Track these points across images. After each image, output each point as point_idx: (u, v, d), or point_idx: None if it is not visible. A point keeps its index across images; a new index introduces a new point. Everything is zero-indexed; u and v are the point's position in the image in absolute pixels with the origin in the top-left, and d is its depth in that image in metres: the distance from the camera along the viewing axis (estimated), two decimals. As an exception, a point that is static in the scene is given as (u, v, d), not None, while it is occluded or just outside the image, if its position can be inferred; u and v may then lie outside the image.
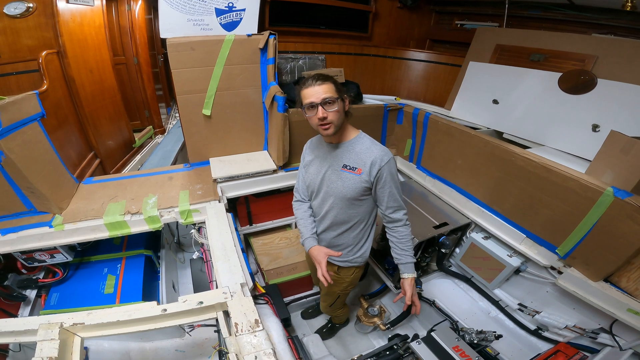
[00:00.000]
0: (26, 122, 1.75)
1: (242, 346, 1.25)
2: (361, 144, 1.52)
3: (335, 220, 1.66)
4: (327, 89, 1.38)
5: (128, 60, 3.53)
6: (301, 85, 1.43)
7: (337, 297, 2.10)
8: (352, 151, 1.52)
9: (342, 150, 1.55)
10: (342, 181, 1.55)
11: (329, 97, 1.37)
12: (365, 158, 1.48)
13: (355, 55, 3.54)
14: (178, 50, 2.10)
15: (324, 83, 1.38)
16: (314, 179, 1.66)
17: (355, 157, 1.51)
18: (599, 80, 2.23)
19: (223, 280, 1.57)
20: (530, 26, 3.13)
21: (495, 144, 2.07)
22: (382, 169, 1.46)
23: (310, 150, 1.73)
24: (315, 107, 1.39)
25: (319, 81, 1.38)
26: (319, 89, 1.37)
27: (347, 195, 1.55)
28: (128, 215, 1.98)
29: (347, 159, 1.53)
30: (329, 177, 1.59)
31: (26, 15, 2.09)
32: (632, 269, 1.61)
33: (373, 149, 1.49)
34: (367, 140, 1.53)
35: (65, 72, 2.37)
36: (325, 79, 1.40)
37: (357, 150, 1.51)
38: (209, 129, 2.40)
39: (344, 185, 1.54)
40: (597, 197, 1.59)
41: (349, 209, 1.61)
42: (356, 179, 1.51)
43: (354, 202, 1.58)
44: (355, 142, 1.54)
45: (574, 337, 1.95)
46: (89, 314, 1.36)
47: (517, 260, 2.13)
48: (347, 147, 1.54)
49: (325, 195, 1.64)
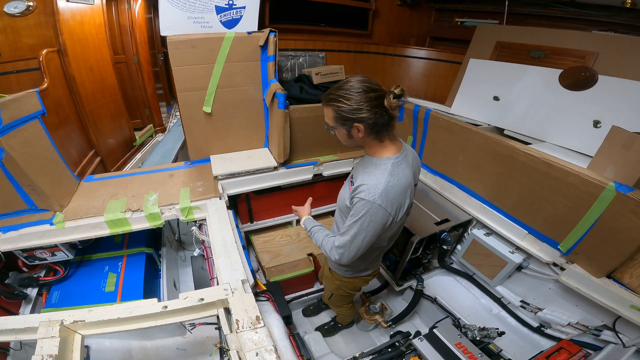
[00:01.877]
0: (27, 119, 1.74)
1: (243, 343, 1.25)
2: (374, 167, 1.32)
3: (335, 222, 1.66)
4: (326, 113, 1.32)
5: (128, 59, 3.52)
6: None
7: (331, 294, 2.09)
8: (364, 167, 1.37)
9: (362, 162, 1.43)
10: (344, 189, 1.52)
11: (326, 123, 1.34)
12: (360, 179, 1.32)
13: (356, 53, 3.54)
14: (178, 48, 2.09)
15: (326, 106, 1.30)
16: None
17: (359, 174, 1.37)
18: (599, 76, 2.23)
19: (224, 277, 1.56)
20: (530, 23, 3.12)
21: (496, 139, 2.07)
22: (354, 198, 1.31)
23: None
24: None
25: (323, 101, 1.30)
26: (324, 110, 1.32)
27: (339, 203, 1.54)
28: (129, 213, 1.97)
29: (356, 171, 1.43)
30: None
31: (26, 14, 2.09)
32: (635, 264, 1.60)
33: (371, 178, 1.28)
34: (380, 168, 1.30)
35: (65, 71, 2.37)
36: (327, 102, 1.27)
37: (367, 170, 1.35)
38: (210, 126, 2.40)
39: (341, 193, 1.53)
40: (599, 192, 1.58)
41: (341, 218, 1.54)
42: (346, 192, 1.44)
43: (344, 213, 1.47)
44: (373, 162, 1.35)
45: (576, 335, 1.94)
46: (90, 312, 1.35)
47: (519, 256, 2.12)
48: (366, 161, 1.40)
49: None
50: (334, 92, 1.24)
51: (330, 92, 1.26)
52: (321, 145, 2.54)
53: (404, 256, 2.31)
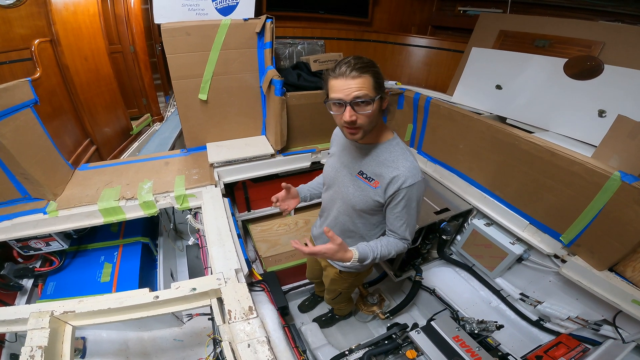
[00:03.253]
0: (18, 108, 1.72)
1: (235, 334, 1.22)
2: (389, 152, 1.25)
3: (342, 227, 1.50)
4: (362, 84, 1.06)
5: (124, 49, 3.49)
6: (332, 70, 1.12)
7: (338, 294, 2.03)
8: (375, 158, 1.27)
9: (365, 154, 1.30)
10: (353, 188, 1.35)
11: (362, 95, 1.07)
12: (387, 171, 1.22)
13: (355, 41, 3.50)
14: (173, 36, 2.06)
15: (361, 76, 1.06)
16: (329, 172, 1.48)
17: (376, 167, 1.26)
18: (605, 66, 2.18)
19: (217, 266, 1.54)
20: (534, 12, 3.07)
21: (498, 127, 2.03)
22: (400, 190, 1.21)
23: (335, 140, 1.51)
24: (343, 105, 1.10)
25: (354, 72, 1.05)
26: (352, 82, 1.06)
27: (356, 205, 1.36)
28: (123, 201, 1.95)
29: (367, 165, 1.29)
30: (342, 178, 1.39)
31: (18, 4, 2.07)
32: (638, 257, 1.56)
33: (400, 163, 1.21)
34: (397, 150, 1.25)
35: (59, 60, 2.35)
36: (363, 69, 1.06)
37: (381, 159, 1.26)
38: (206, 113, 2.38)
39: (354, 195, 1.34)
40: (603, 181, 1.54)
41: (357, 219, 1.43)
42: (370, 192, 1.29)
43: (363, 214, 1.38)
44: (384, 148, 1.27)
45: (576, 329, 1.92)
46: (80, 302, 1.33)
47: (520, 248, 2.09)
48: (371, 151, 1.28)
49: (335, 194, 1.47)
50: (359, 60, 1.08)
51: (359, 59, 1.09)
52: (319, 132, 2.51)
53: (402, 247, 2.28)
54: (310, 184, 1.72)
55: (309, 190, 1.68)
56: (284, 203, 1.57)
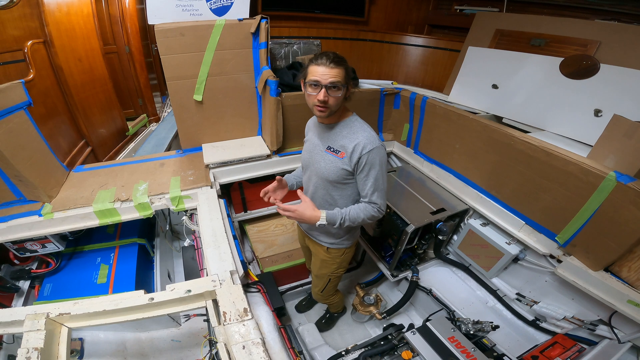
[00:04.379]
0: (12, 110, 1.71)
1: (230, 335, 1.22)
2: (349, 127, 1.50)
3: (320, 201, 1.67)
4: (337, 74, 1.34)
5: (119, 49, 3.48)
6: (314, 59, 1.37)
7: (327, 281, 2.08)
8: (339, 133, 1.51)
9: (331, 132, 1.54)
10: (324, 162, 1.55)
11: (337, 82, 1.34)
12: (349, 142, 1.46)
13: (352, 40, 3.49)
14: (167, 36, 2.05)
15: (337, 67, 1.34)
16: (305, 155, 1.70)
17: (340, 140, 1.50)
18: (601, 65, 2.18)
19: (212, 267, 1.54)
20: (531, 11, 3.07)
21: (494, 127, 2.02)
22: (362, 157, 1.44)
23: (309, 127, 1.74)
24: (318, 87, 1.35)
25: (332, 63, 1.33)
26: (329, 71, 1.33)
27: (328, 177, 1.56)
28: (118, 203, 1.94)
29: (333, 140, 1.52)
30: (315, 156, 1.60)
31: (10, 6, 2.06)
32: (633, 258, 1.56)
33: (359, 134, 1.46)
34: (356, 124, 1.51)
35: (52, 61, 2.34)
36: (339, 63, 1.35)
37: (344, 133, 1.50)
38: (201, 114, 2.37)
39: (326, 167, 1.55)
40: (598, 181, 1.54)
41: (333, 191, 1.62)
42: (338, 162, 1.51)
43: (336, 184, 1.58)
44: (344, 124, 1.52)
45: (572, 329, 1.93)
46: (75, 304, 1.33)
47: (516, 248, 2.09)
48: (336, 129, 1.53)
49: (311, 173, 1.67)
50: (336, 55, 1.36)
51: (337, 55, 1.36)
52: None
53: (399, 246, 2.28)
54: (294, 173, 1.92)
55: (295, 178, 1.87)
56: (274, 194, 1.72)
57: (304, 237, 2.06)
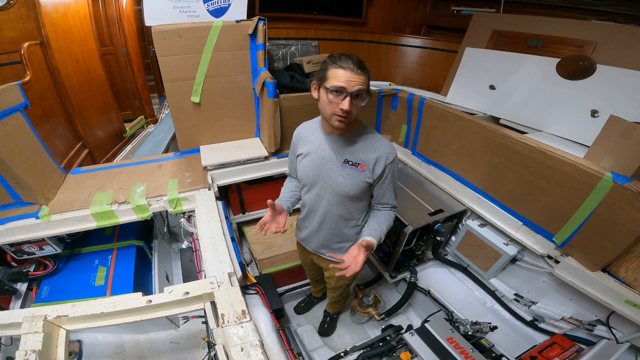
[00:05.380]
0: (8, 112, 1.71)
1: (229, 337, 1.23)
2: (365, 137, 1.41)
3: (335, 218, 1.57)
4: (363, 81, 1.21)
5: (117, 51, 3.47)
6: (335, 61, 1.22)
7: (346, 286, 2.07)
8: (354, 144, 1.40)
9: (344, 143, 1.41)
10: (343, 177, 1.42)
11: (363, 90, 1.22)
12: (370, 154, 1.38)
13: (350, 42, 3.47)
14: (164, 38, 2.05)
15: (363, 73, 1.21)
16: (308, 171, 1.51)
17: (359, 153, 1.39)
18: (598, 65, 2.19)
19: (211, 270, 1.54)
20: (527, 12, 3.06)
21: (491, 128, 2.03)
22: (385, 167, 1.39)
23: (302, 140, 1.55)
24: (342, 94, 1.21)
25: (359, 69, 1.19)
26: (356, 77, 1.19)
27: (348, 192, 1.44)
28: (115, 205, 1.94)
29: (350, 153, 1.40)
30: (328, 172, 1.45)
31: (7, 7, 2.05)
32: (631, 258, 1.57)
33: (378, 144, 1.39)
34: (371, 134, 1.42)
35: (49, 63, 2.34)
36: (364, 68, 1.22)
37: (360, 144, 1.40)
38: (199, 116, 2.37)
39: (345, 183, 1.42)
40: (595, 182, 1.55)
41: (350, 206, 1.52)
42: (359, 176, 1.40)
43: (355, 199, 1.49)
44: (358, 135, 1.41)
45: (570, 329, 1.93)
46: (73, 306, 1.34)
47: (514, 248, 2.10)
48: (349, 140, 1.41)
49: (321, 191, 1.51)
50: (359, 60, 1.22)
51: (359, 60, 1.22)
52: None
53: (397, 247, 2.28)
54: (283, 196, 1.71)
55: (287, 201, 1.67)
56: (273, 223, 1.53)
57: (308, 255, 1.92)
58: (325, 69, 1.24)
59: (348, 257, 1.37)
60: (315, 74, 1.31)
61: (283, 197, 1.71)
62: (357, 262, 1.35)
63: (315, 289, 2.56)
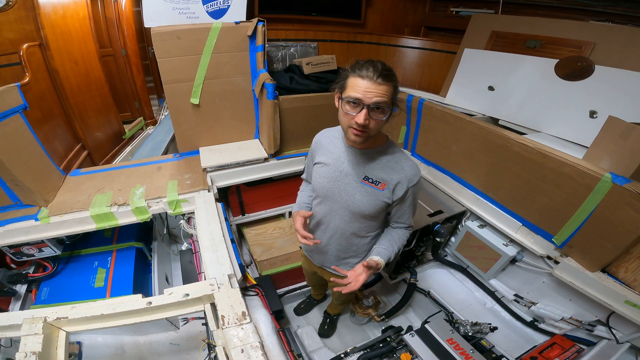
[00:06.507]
0: (7, 114, 1.70)
1: (229, 339, 1.24)
2: (389, 156, 1.30)
3: (346, 235, 1.49)
4: (385, 92, 1.07)
5: (116, 52, 3.47)
6: (355, 69, 1.10)
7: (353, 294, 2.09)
8: (377, 161, 1.30)
9: (366, 159, 1.30)
10: (360, 195, 1.32)
11: (382, 102, 1.07)
12: (393, 174, 1.27)
13: (349, 43, 3.49)
14: (163, 39, 2.05)
15: (385, 83, 1.06)
16: (324, 183, 1.40)
17: (380, 171, 1.29)
18: (596, 66, 2.20)
19: (210, 271, 1.54)
20: (526, 13, 3.08)
21: (490, 129, 2.03)
22: (408, 189, 1.29)
23: (322, 148, 1.45)
24: (359, 106, 1.09)
25: (380, 78, 1.05)
26: (375, 87, 1.06)
27: (365, 211, 1.34)
28: (115, 207, 1.94)
29: (370, 170, 1.30)
30: (344, 186, 1.35)
31: (6, 9, 2.05)
32: (630, 258, 1.57)
33: (403, 164, 1.28)
34: (397, 152, 1.31)
35: (48, 64, 2.33)
36: (388, 77, 1.07)
37: (383, 162, 1.29)
38: (198, 117, 2.36)
39: (362, 200, 1.32)
40: (594, 183, 1.55)
41: (364, 223, 1.43)
42: (378, 194, 1.30)
43: (370, 217, 1.39)
44: (382, 151, 1.30)
45: (570, 330, 1.93)
46: (73, 308, 1.34)
47: (513, 249, 2.10)
48: (371, 156, 1.30)
49: (334, 205, 1.42)
50: (385, 67, 1.09)
51: (384, 68, 1.08)
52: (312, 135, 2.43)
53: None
54: (301, 201, 1.66)
55: (307, 206, 1.63)
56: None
57: (312, 266, 1.85)
58: (346, 77, 1.14)
59: (351, 274, 1.32)
60: (337, 82, 1.20)
61: (302, 201, 1.65)
62: (357, 280, 1.29)
63: (315, 292, 2.55)
